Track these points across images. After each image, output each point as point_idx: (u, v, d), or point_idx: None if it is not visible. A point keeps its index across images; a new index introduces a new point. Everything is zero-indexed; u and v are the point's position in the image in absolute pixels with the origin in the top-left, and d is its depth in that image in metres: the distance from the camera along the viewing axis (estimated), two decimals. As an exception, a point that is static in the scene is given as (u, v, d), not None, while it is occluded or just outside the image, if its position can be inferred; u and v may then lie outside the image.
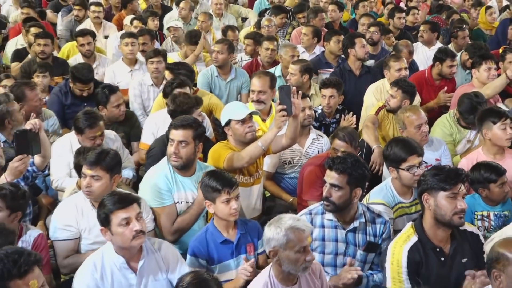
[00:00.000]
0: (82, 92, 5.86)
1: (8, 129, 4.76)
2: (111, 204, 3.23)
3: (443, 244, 3.42)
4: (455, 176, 3.33)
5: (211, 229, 3.69)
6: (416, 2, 9.98)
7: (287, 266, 3.11)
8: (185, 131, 4.06)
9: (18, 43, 7.83)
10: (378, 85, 5.98)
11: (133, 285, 3.33)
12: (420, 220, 3.47)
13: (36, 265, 2.73)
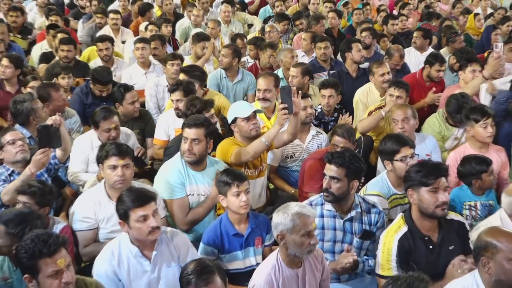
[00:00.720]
0: (101, 93, 5.88)
1: (33, 125, 4.78)
2: (130, 201, 3.23)
3: (431, 233, 3.41)
4: (436, 171, 3.33)
5: (224, 221, 3.68)
6: (407, 10, 9.95)
7: (293, 249, 3.11)
8: (198, 130, 4.06)
9: (43, 47, 7.83)
10: (365, 89, 6.00)
11: (148, 271, 3.32)
12: (409, 212, 3.47)
13: (63, 246, 2.75)
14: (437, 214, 3.33)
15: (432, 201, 3.30)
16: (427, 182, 3.30)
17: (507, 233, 2.85)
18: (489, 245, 2.80)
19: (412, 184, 3.40)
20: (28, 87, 5.69)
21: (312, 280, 3.27)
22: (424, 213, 3.35)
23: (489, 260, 2.80)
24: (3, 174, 4.14)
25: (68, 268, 2.73)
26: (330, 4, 9.95)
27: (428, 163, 3.48)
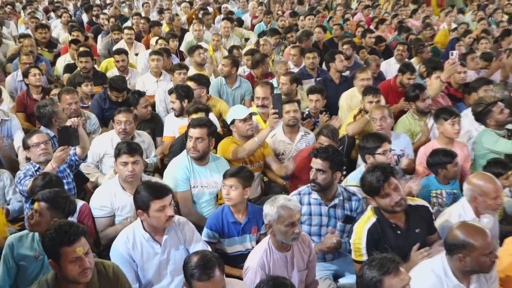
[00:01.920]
0: (117, 99, 5.88)
1: (55, 126, 4.78)
2: (151, 194, 3.22)
3: (398, 220, 3.39)
4: (382, 175, 3.28)
5: (226, 210, 3.69)
6: (385, 25, 10.00)
7: (279, 237, 3.12)
8: (201, 129, 4.08)
9: (66, 59, 7.80)
10: (349, 93, 5.98)
11: (158, 254, 3.31)
12: (378, 204, 3.48)
13: (83, 235, 2.71)
14: (397, 211, 3.32)
15: (388, 203, 3.29)
16: (377, 191, 3.29)
17: (480, 230, 2.83)
18: (467, 244, 2.77)
19: (367, 193, 3.42)
20: (51, 94, 5.71)
21: (300, 262, 3.26)
22: (386, 211, 3.35)
23: (466, 257, 2.79)
24: (30, 170, 4.13)
25: (87, 255, 2.70)
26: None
27: (374, 168, 3.42)
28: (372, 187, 3.31)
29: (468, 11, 12.80)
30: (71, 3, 13.16)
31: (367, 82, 5.76)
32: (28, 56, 6.79)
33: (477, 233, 2.81)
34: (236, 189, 3.59)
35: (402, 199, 3.29)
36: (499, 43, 8.72)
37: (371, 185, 3.31)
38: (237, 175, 3.60)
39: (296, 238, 3.13)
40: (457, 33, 9.44)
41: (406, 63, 6.73)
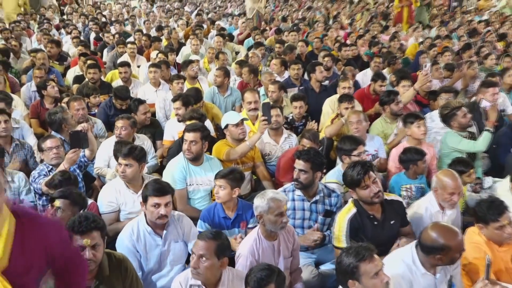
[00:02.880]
0: (121, 106, 5.83)
1: (65, 131, 4.77)
2: (152, 189, 3.22)
3: (375, 212, 3.41)
4: (362, 170, 3.32)
5: (218, 206, 3.67)
6: (362, 41, 10.03)
7: (269, 226, 3.12)
8: (195, 133, 4.07)
9: (76, 71, 7.78)
10: (332, 99, 5.98)
11: (159, 245, 3.30)
12: (357, 198, 3.48)
13: (95, 230, 2.69)
14: (375, 202, 3.35)
15: (368, 194, 3.32)
16: (358, 183, 3.32)
17: (455, 233, 2.82)
18: (445, 247, 2.76)
19: (349, 185, 3.43)
20: (62, 102, 5.68)
21: (285, 250, 3.26)
22: (366, 202, 3.36)
23: (443, 257, 2.79)
24: (44, 170, 4.11)
25: (94, 248, 2.67)
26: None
27: (355, 164, 3.45)
28: (353, 180, 3.34)
29: (433, 27, 12.90)
30: (80, 21, 13.09)
31: (348, 90, 5.79)
32: (41, 70, 6.75)
33: (452, 235, 2.80)
34: (224, 189, 3.58)
35: (379, 191, 3.34)
36: (460, 55, 8.79)
37: (353, 178, 3.34)
38: (226, 177, 3.58)
39: (284, 226, 3.15)
40: (423, 46, 9.51)
41: (378, 73, 6.81)
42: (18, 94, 6.73)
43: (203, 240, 2.75)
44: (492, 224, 3.15)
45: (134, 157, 3.79)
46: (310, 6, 17.64)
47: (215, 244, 2.73)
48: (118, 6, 16.66)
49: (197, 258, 2.72)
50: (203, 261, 2.71)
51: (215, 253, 2.73)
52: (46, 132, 5.49)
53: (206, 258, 2.71)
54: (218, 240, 2.76)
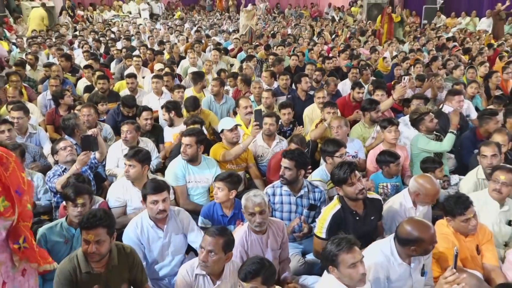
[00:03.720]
0: (128, 113, 5.82)
1: (77, 136, 4.73)
2: (149, 188, 3.21)
3: (357, 208, 3.40)
4: (348, 169, 3.32)
5: (216, 205, 3.67)
6: (345, 54, 10.04)
7: (249, 222, 3.15)
8: (190, 138, 4.07)
9: (86, 82, 7.73)
10: (310, 107, 6.03)
11: (161, 238, 3.29)
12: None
13: (101, 227, 2.65)
14: (359, 198, 3.34)
15: (353, 191, 3.31)
16: (345, 181, 3.31)
17: (428, 226, 2.83)
18: (419, 240, 2.77)
19: (336, 183, 3.42)
20: (75, 109, 5.65)
21: (273, 243, 3.24)
22: (350, 198, 3.36)
23: (417, 248, 2.80)
24: (58, 170, 4.08)
25: (98, 243, 2.64)
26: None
27: (342, 164, 3.45)
28: (340, 178, 3.33)
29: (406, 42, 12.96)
30: (90, 37, 13.03)
31: (323, 99, 5.81)
32: (56, 79, 6.76)
33: (425, 229, 2.80)
34: (222, 190, 3.57)
35: (363, 188, 3.34)
36: (429, 67, 8.83)
37: (340, 177, 3.33)
38: (224, 180, 3.57)
39: (257, 226, 3.11)
40: (398, 59, 9.55)
41: (356, 82, 6.87)
42: (35, 102, 6.71)
43: (212, 236, 2.72)
44: (459, 217, 3.16)
45: (137, 159, 3.77)
46: (296, 23, 17.68)
47: (222, 240, 2.72)
48: (125, 23, 16.59)
49: (206, 253, 2.71)
50: (212, 255, 2.71)
51: (222, 248, 2.72)
52: (60, 136, 5.45)
53: (215, 253, 2.71)
54: (225, 236, 2.75)
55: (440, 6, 17.82)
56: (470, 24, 16.45)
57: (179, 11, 21.77)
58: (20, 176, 2.04)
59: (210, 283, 2.80)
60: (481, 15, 16.32)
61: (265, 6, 21.45)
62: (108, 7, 20.79)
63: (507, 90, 7.33)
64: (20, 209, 2.01)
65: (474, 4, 17.65)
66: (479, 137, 5.06)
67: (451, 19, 17.41)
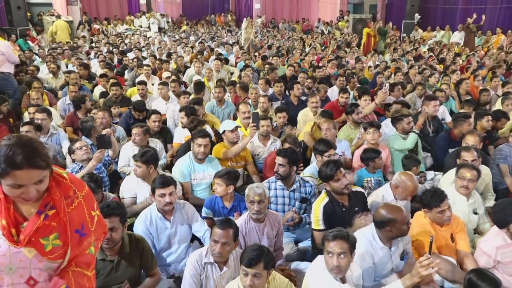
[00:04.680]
0: (139, 117, 5.79)
1: (93, 137, 4.70)
2: (157, 183, 3.20)
3: (344, 201, 3.41)
4: (334, 166, 3.33)
5: (218, 197, 3.66)
6: (332, 64, 10.03)
7: (249, 210, 3.14)
8: (206, 139, 4.07)
9: (101, 88, 7.69)
10: (304, 111, 6.00)
11: (168, 228, 3.27)
12: (330, 189, 3.47)
13: (114, 216, 2.69)
14: (344, 192, 3.36)
15: (339, 186, 3.32)
16: (332, 177, 3.32)
17: (398, 208, 2.86)
18: (392, 220, 2.80)
19: (323, 179, 3.43)
20: (91, 113, 5.63)
21: (269, 232, 3.23)
22: (336, 192, 3.36)
23: (392, 228, 2.81)
24: (75, 168, 4.05)
25: (112, 230, 2.67)
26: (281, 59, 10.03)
27: (328, 162, 3.45)
28: (327, 175, 3.34)
29: (387, 53, 12.99)
30: (105, 48, 12.99)
31: (316, 104, 5.80)
32: (75, 86, 6.74)
33: (396, 211, 2.83)
34: (221, 186, 3.57)
35: (348, 183, 3.35)
36: (408, 75, 8.83)
37: (327, 173, 3.34)
38: (222, 177, 3.57)
39: (255, 213, 3.11)
40: (379, 68, 9.55)
41: (342, 88, 6.90)
42: (55, 107, 6.70)
43: (224, 229, 2.68)
44: (435, 209, 3.16)
45: (142, 161, 3.76)
46: (290, 36, 17.68)
47: (232, 230, 2.71)
48: (136, 36, 16.55)
49: (221, 245, 2.67)
50: (226, 246, 2.69)
51: (233, 238, 2.71)
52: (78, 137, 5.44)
53: (228, 244, 2.69)
54: (232, 227, 2.73)
55: (417, 21, 17.83)
56: (445, 37, 16.47)
57: (185, 26, 21.75)
58: (89, 214, 1.62)
59: (218, 270, 2.78)
60: (454, 29, 16.35)
61: (261, 21, 21.49)
62: (121, 21, 20.76)
63: (477, 96, 7.34)
64: (76, 251, 1.60)
65: (448, 19, 17.68)
66: (453, 138, 5.07)
67: (427, 33, 17.42)
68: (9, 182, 1.47)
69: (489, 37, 15.31)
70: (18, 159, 1.44)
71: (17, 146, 1.45)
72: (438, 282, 3.06)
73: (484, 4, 16.57)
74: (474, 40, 14.72)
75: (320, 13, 22.61)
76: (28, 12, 15.74)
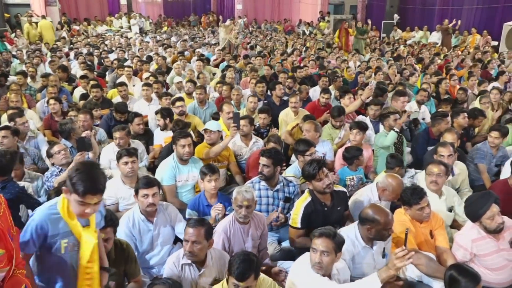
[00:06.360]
0: (120, 118, 5.73)
1: (73, 139, 4.65)
2: (141, 183, 3.18)
3: (326, 200, 3.43)
4: (317, 166, 3.34)
5: (202, 197, 3.63)
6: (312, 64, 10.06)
7: (235, 213, 3.12)
8: (188, 138, 4.05)
9: (81, 90, 7.59)
10: (285, 111, 6.01)
11: (151, 230, 3.24)
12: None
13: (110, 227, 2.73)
14: (326, 192, 3.37)
15: (321, 186, 3.34)
16: (314, 176, 3.34)
17: (385, 212, 2.88)
18: (375, 220, 2.83)
19: (306, 178, 3.43)
20: (69, 115, 5.56)
21: (254, 233, 3.23)
22: (319, 192, 3.37)
23: (372, 228, 2.85)
24: (55, 171, 3.99)
25: (106, 240, 2.72)
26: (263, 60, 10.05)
27: (311, 161, 3.46)
28: (310, 174, 3.35)
29: (367, 53, 13.13)
30: (85, 49, 12.78)
31: (295, 104, 5.82)
32: (54, 87, 6.62)
33: (382, 213, 2.85)
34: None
35: (330, 183, 3.36)
36: (387, 75, 8.95)
37: (309, 173, 3.35)
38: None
39: (241, 217, 3.10)
40: (360, 68, 9.64)
41: (323, 88, 6.90)
42: (34, 109, 6.56)
43: (194, 228, 2.67)
44: (415, 206, 3.20)
45: (137, 156, 3.83)
46: (272, 37, 17.73)
47: (203, 229, 2.69)
48: (117, 37, 16.35)
49: (191, 244, 2.66)
50: (196, 245, 2.67)
51: (204, 237, 2.69)
52: (57, 139, 5.34)
53: (199, 242, 2.67)
54: (204, 225, 2.71)
55: (396, 22, 18.09)
56: (423, 37, 16.75)
57: (166, 26, 21.58)
58: (10, 220, 1.72)
59: (196, 271, 2.77)
60: (432, 29, 16.65)
61: (243, 21, 21.49)
62: (101, 22, 20.47)
63: (454, 94, 7.49)
64: (17, 256, 1.64)
65: (426, 20, 17.99)
66: (431, 136, 5.16)
67: (406, 33, 17.69)
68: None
69: (466, 37, 15.65)
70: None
71: None
72: (418, 278, 3.11)
73: (461, 5, 16.92)
74: (451, 40, 15.03)
75: (301, 14, 22.74)
76: (6, 13, 15.40)
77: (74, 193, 2.10)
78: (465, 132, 5.51)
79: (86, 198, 2.09)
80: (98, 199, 2.14)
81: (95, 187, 2.10)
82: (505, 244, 3.09)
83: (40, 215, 2.18)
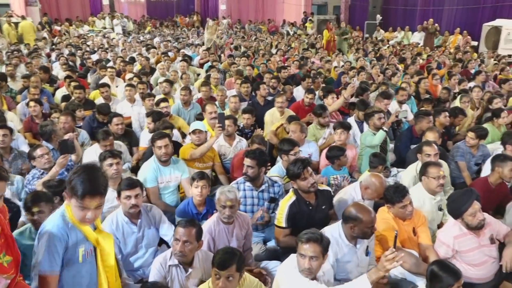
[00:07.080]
0: (103, 120, 5.65)
1: (54, 141, 4.59)
2: (123, 185, 3.14)
3: (310, 199, 3.45)
4: (301, 165, 3.36)
5: (190, 204, 3.60)
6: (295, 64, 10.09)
7: (219, 213, 3.11)
8: (164, 139, 4.00)
9: (63, 91, 7.47)
10: (271, 111, 6.02)
11: (135, 232, 3.20)
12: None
13: None
14: (311, 191, 3.38)
15: (305, 185, 3.35)
16: (299, 175, 3.35)
17: (368, 210, 2.89)
18: (357, 218, 2.85)
19: (291, 177, 3.46)
20: (51, 117, 5.48)
21: (238, 233, 3.22)
22: (303, 191, 3.39)
23: (355, 226, 2.86)
24: (36, 174, 3.92)
25: None
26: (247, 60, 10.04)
27: (296, 161, 3.48)
28: (294, 173, 3.36)
29: (350, 53, 13.24)
30: (67, 50, 12.59)
31: (281, 104, 5.83)
32: (36, 89, 6.49)
33: (365, 212, 2.87)
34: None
35: (315, 182, 3.38)
36: (370, 74, 9.04)
37: (294, 172, 3.36)
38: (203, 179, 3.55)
39: (225, 218, 3.09)
40: (344, 68, 9.71)
41: (308, 88, 6.95)
42: (14, 111, 6.44)
43: (185, 228, 2.66)
44: (397, 204, 3.24)
45: (121, 157, 3.80)
46: (256, 37, 17.75)
47: (194, 229, 2.68)
48: (99, 38, 16.14)
49: (182, 243, 2.64)
50: (187, 245, 2.65)
51: (195, 237, 2.68)
52: (39, 142, 5.24)
53: (190, 242, 2.66)
54: (196, 226, 2.70)
55: (379, 22, 18.29)
56: (405, 38, 16.97)
57: (149, 26, 21.40)
58: (6, 225, 1.71)
59: (183, 272, 2.75)
60: (413, 29, 16.88)
61: (227, 22, 21.43)
62: (83, 23, 20.19)
63: (436, 94, 7.61)
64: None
65: (408, 20, 18.25)
66: (414, 135, 5.24)
67: (389, 33, 17.90)
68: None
69: (447, 37, 15.91)
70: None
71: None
72: (402, 275, 3.15)
73: (442, 5, 17.21)
74: (433, 40, 15.27)
75: (285, 14, 22.81)
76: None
77: (73, 197, 2.05)
78: (446, 131, 5.61)
79: (85, 201, 2.03)
80: (98, 202, 2.07)
81: (94, 188, 2.04)
82: (486, 240, 3.15)
83: (57, 225, 2.08)
